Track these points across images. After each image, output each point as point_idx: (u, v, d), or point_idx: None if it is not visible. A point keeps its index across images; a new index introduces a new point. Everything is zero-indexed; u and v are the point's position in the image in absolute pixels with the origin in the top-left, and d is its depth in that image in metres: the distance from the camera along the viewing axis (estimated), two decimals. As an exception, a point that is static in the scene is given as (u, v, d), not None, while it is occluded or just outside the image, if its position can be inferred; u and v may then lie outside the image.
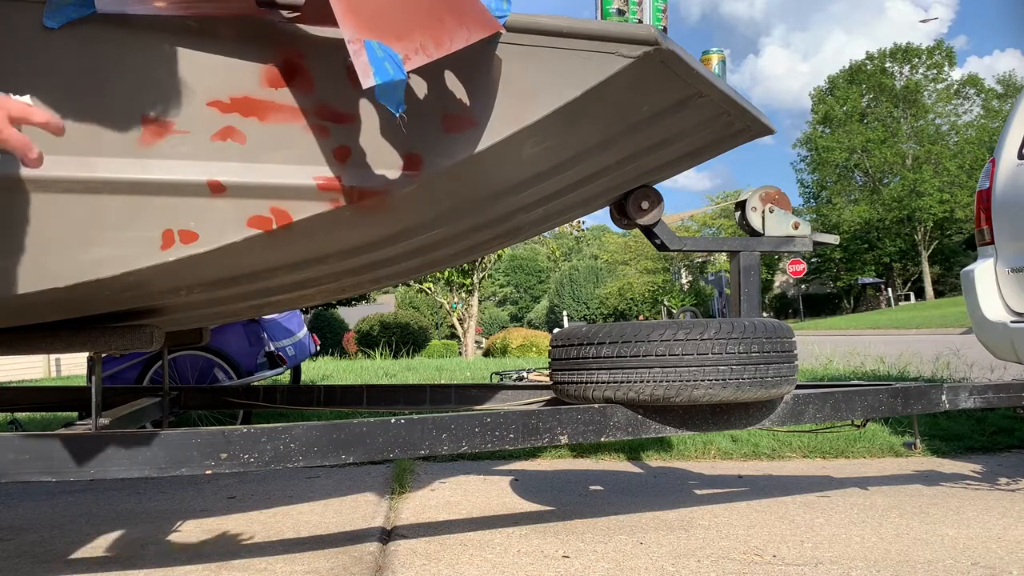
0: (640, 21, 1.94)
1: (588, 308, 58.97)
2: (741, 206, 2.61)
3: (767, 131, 2.23)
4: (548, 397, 2.78)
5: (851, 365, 6.98)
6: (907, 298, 48.36)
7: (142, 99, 1.53)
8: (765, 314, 2.77)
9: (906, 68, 50.39)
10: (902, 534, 2.36)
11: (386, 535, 2.45)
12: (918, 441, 2.94)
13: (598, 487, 3.13)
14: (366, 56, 1.31)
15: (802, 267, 30.88)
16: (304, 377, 6.92)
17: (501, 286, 63.85)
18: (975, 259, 3.45)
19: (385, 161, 1.60)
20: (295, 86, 1.55)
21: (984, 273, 3.29)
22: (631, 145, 2.01)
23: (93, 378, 2.46)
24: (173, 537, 2.47)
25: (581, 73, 1.58)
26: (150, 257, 1.60)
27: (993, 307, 3.24)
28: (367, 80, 1.32)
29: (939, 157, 46.79)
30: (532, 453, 3.78)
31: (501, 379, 3.56)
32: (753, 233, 2.58)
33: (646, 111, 1.84)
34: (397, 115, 1.39)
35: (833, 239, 2.73)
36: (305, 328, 5.38)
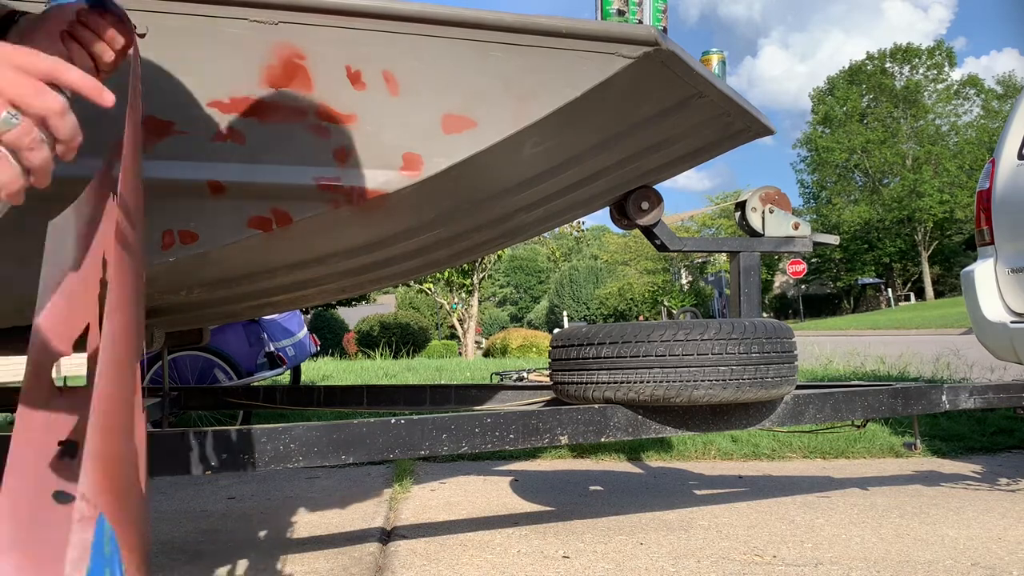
0: (640, 21, 1.94)
1: (588, 308, 58.97)
2: (741, 207, 2.61)
3: (767, 131, 2.23)
4: (548, 397, 2.78)
5: (851, 365, 6.98)
6: (907, 298, 48.37)
7: (142, 100, 1.53)
8: (765, 314, 2.77)
9: (906, 68, 50.42)
10: (902, 534, 2.36)
11: (386, 535, 2.45)
12: (918, 441, 2.94)
13: (598, 487, 3.13)
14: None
15: (802, 267, 30.88)
16: (304, 377, 6.91)
17: (501, 286, 63.84)
18: (975, 259, 3.45)
19: (385, 161, 1.60)
20: (295, 86, 1.54)
21: (984, 273, 3.29)
22: (631, 145, 2.01)
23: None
24: (173, 538, 2.47)
25: (581, 73, 1.58)
26: (150, 258, 1.60)
27: (993, 307, 3.23)
28: None
29: (939, 158, 46.80)
30: (532, 453, 3.78)
31: (501, 379, 3.56)
32: (753, 233, 2.58)
33: (646, 111, 1.84)
34: None
35: (833, 239, 2.72)
36: (305, 328, 5.37)
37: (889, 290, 49.20)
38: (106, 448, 0.63)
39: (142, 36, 0.98)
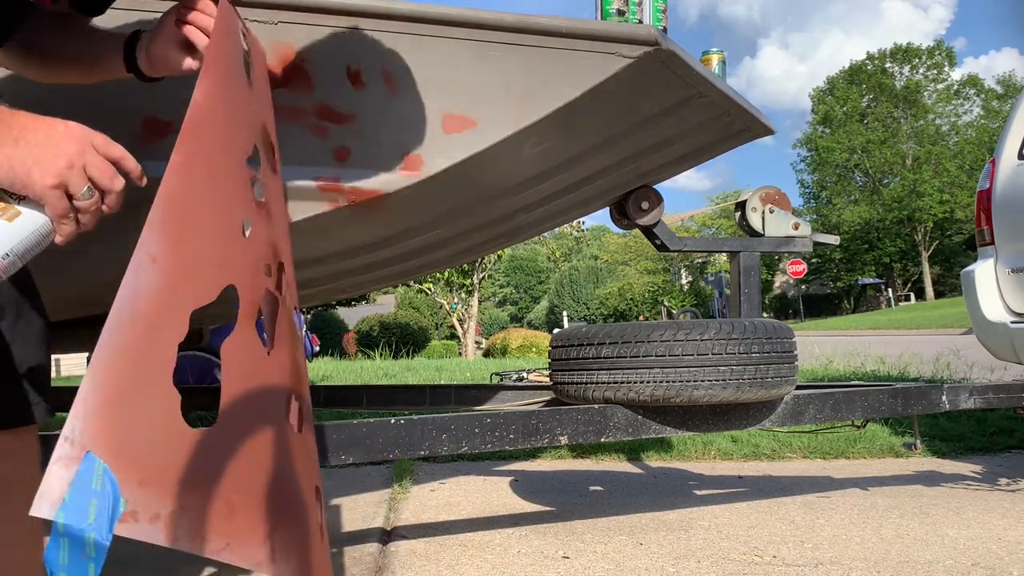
0: (640, 21, 1.94)
1: (588, 308, 59.01)
2: (741, 206, 2.61)
3: (767, 131, 2.23)
4: (548, 398, 2.78)
5: (851, 365, 6.98)
6: (907, 298, 48.37)
7: (142, 99, 1.53)
8: (765, 315, 2.77)
9: (906, 68, 50.41)
10: (902, 535, 2.36)
11: (386, 535, 2.45)
12: (918, 442, 2.94)
13: (598, 487, 3.13)
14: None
15: (802, 267, 30.85)
16: (304, 377, 6.90)
17: (501, 287, 63.81)
18: (975, 259, 3.45)
19: (385, 161, 1.60)
20: (295, 86, 1.54)
21: (984, 273, 3.29)
22: (631, 145, 2.01)
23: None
24: (173, 537, 2.46)
25: (581, 73, 1.58)
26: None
27: (993, 307, 3.23)
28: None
29: (939, 157, 46.80)
30: (532, 453, 3.78)
31: (501, 379, 3.56)
32: (753, 233, 2.58)
33: (646, 111, 1.84)
34: None
35: (833, 239, 2.72)
36: (305, 329, 5.37)
37: (889, 290, 49.20)
38: (100, 397, 0.73)
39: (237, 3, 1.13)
